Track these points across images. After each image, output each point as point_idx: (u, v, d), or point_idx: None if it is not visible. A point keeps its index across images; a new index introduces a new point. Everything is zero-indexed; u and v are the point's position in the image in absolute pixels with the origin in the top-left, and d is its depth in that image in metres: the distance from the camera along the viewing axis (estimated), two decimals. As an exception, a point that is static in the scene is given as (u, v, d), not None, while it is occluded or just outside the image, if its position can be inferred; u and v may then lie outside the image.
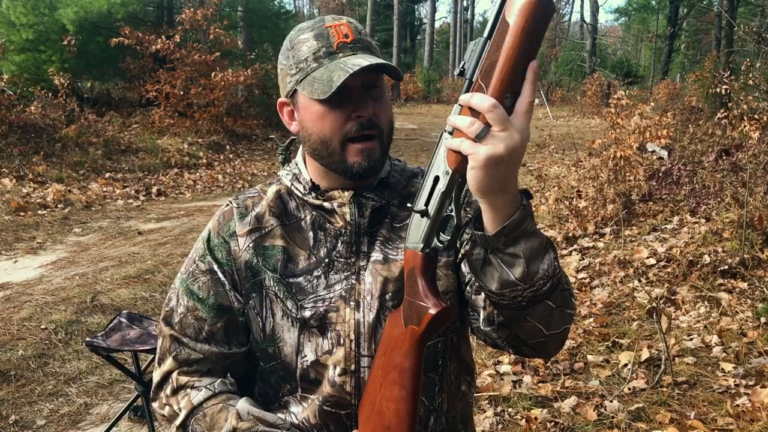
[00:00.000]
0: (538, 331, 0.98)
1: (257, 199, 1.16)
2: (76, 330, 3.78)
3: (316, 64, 1.02)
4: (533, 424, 2.65)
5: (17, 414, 2.92)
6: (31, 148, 9.12)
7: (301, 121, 1.09)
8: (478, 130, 0.82)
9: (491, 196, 0.86)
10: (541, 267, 0.91)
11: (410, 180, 1.16)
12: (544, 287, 0.92)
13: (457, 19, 33.60)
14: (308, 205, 1.13)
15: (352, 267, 1.10)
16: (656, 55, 30.63)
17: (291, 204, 1.15)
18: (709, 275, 4.14)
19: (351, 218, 1.09)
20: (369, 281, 1.08)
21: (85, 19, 12.79)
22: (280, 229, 1.12)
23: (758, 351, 3.26)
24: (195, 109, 12.57)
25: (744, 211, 4.38)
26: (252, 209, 1.15)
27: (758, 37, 9.34)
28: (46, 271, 5.01)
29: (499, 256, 0.91)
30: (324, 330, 1.08)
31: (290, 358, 1.10)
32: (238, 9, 17.07)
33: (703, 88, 12.30)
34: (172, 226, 6.63)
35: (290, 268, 1.10)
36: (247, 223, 1.13)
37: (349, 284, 1.09)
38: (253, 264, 1.11)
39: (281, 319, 1.10)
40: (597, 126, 16.02)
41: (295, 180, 1.15)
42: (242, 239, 1.12)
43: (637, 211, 5.73)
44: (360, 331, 1.07)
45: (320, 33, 1.04)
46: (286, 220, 1.13)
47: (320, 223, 1.12)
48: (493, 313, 1.03)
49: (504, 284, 0.91)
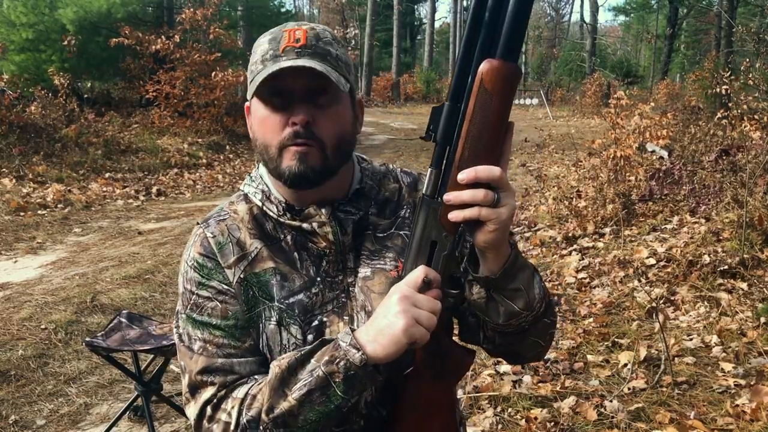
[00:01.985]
0: (536, 345, 1.06)
1: (229, 221, 1.08)
2: (76, 330, 3.78)
3: (261, 66, 1.00)
4: (533, 424, 2.65)
5: (17, 414, 2.93)
6: (31, 148, 9.12)
7: (251, 126, 1.07)
8: (494, 198, 0.89)
9: (501, 248, 0.93)
10: (536, 292, 0.99)
11: (381, 182, 1.14)
12: (541, 308, 1.01)
13: (457, 19, 33.57)
14: (285, 225, 1.07)
15: (340, 285, 1.07)
16: (656, 55, 30.64)
17: (267, 225, 1.08)
18: (708, 275, 4.14)
19: (334, 237, 1.05)
20: (361, 298, 1.06)
21: (84, 19, 12.80)
22: (266, 250, 1.06)
23: (758, 351, 3.26)
24: (195, 109, 12.57)
25: (744, 211, 4.39)
26: (229, 235, 1.06)
27: (757, 37, 9.33)
28: (46, 271, 5.02)
29: (502, 293, 0.97)
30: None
31: None
32: (238, 9, 17.08)
33: (703, 88, 12.30)
34: (172, 226, 6.63)
35: (287, 287, 1.05)
36: (230, 252, 1.05)
37: (340, 303, 1.06)
38: (249, 296, 1.04)
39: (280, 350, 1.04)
40: (597, 126, 16.01)
41: (266, 200, 1.08)
42: (229, 271, 1.04)
43: (637, 211, 5.73)
44: None
45: (275, 37, 1.02)
46: (267, 241, 1.07)
47: (301, 242, 1.06)
48: (494, 336, 1.08)
49: (510, 316, 0.98)
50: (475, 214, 0.89)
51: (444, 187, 0.94)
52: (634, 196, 5.94)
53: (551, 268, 4.74)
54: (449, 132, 0.92)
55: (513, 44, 0.87)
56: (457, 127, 0.91)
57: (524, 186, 8.25)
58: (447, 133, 0.92)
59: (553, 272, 4.66)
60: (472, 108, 0.89)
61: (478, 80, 0.88)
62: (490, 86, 0.87)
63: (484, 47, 0.90)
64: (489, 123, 0.88)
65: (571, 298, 4.16)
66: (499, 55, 0.88)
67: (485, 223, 0.90)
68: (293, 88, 0.98)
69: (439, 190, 0.95)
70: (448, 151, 0.93)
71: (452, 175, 0.91)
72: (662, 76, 26.06)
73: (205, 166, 10.68)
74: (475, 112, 0.88)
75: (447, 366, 1.03)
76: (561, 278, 4.54)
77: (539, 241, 5.53)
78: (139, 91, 13.19)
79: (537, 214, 6.53)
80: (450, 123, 0.92)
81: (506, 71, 0.87)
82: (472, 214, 0.90)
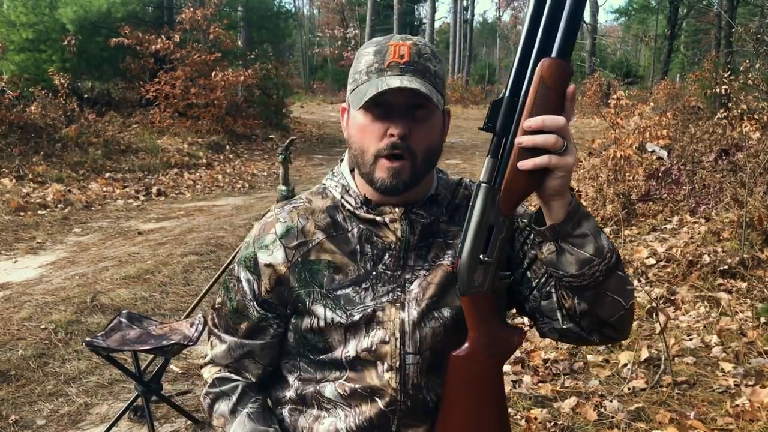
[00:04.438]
0: (617, 304, 1.07)
1: (302, 210, 1.18)
2: (76, 330, 3.78)
3: (365, 78, 1.06)
4: (533, 424, 2.65)
5: (17, 414, 2.93)
6: (31, 148, 9.11)
7: (348, 128, 1.14)
8: (563, 145, 0.97)
9: (564, 195, 1.00)
10: (604, 241, 1.04)
11: (454, 192, 1.21)
12: (612, 258, 1.04)
13: (457, 19, 33.56)
14: (357, 218, 1.15)
15: (398, 279, 1.14)
16: (656, 55, 30.63)
17: (338, 216, 1.17)
18: (708, 275, 4.14)
19: (402, 234, 1.13)
20: (416, 291, 1.14)
21: (84, 19, 12.79)
22: (327, 242, 1.15)
23: (758, 351, 3.26)
24: (195, 109, 12.57)
25: (743, 211, 4.39)
26: (298, 221, 1.17)
27: (756, 37, 9.33)
28: (46, 271, 5.01)
29: (570, 241, 1.02)
30: (369, 328, 1.13)
31: (338, 352, 1.15)
32: (238, 9, 17.08)
33: (703, 88, 12.30)
34: (172, 226, 6.62)
35: (338, 280, 1.14)
36: (293, 237, 1.16)
37: (395, 295, 1.13)
38: (302, 278, 1.15)
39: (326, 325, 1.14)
40: (597, 126, 15.98)
41: (345, 193, 1.17)
42: (290, 251, 1.15)
43: (637, 211, 5.73)
44: (405, 330, 1.12)
45: (380, 49, 1.07)
46: (333, 231, 1.16)
47: (367, 236, 1.14)
48: (573, 304, 1.09)
49: (582, 263, 1.02)
50: (545, 161, 0.97)
51: (500, 176, 1.02)
52: (634, 196, 5.94)
53: (551, 268, 4.74)
54: (508, 124, 1.00)
55: (569, 44, 0.97)
56: (515, 119, 0.99)
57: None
58: (506, 125, 1.01)
59: (553, 272, 4.66)
60: (532, 101, 0.97)
61: (538, 76, 0.96)
62: (549, 81, 0.96)
63: (541, 47, 0.98)
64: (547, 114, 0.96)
65: (571, 298, 4.16)
66: (556, 53, 0.97)
67: (553, 171, 0.98)
68: (395, 102, 1.05)
69: (495, 179, 1.03)
70: (505, 141, 1.01)
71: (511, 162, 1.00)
72: (662, 77, 26.04)
73: (205, 166, 10.67)
74: (535, 105, 0.97)
75: (497, 346, 1.10)
76: (561, 278, 4.54)
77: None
78: (139, 91, 13.18)
79: (537, 214, 6.52)
80: (509, 115, 1.00)
81: (563, 68, 0.96)
82: (542, 161, 0.97)
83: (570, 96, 0.98)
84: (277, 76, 14.89)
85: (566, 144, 0.97)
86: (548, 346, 3.43)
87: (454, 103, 24.57)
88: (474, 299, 1.08)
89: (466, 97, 26.54)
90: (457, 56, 32.91)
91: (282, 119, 15.29)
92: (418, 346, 1.13)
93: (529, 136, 0.97)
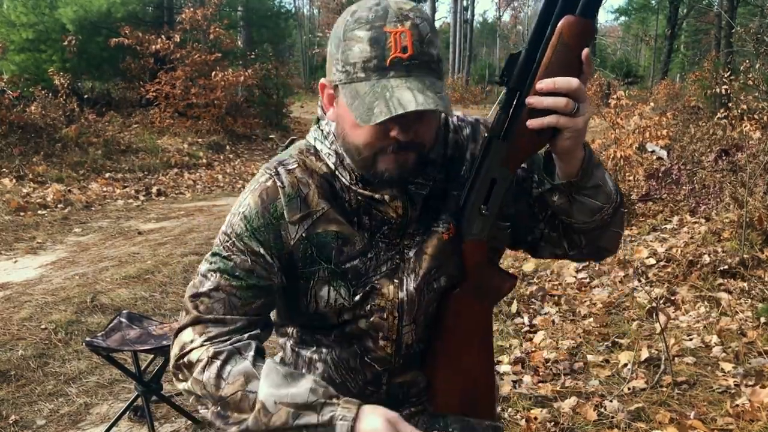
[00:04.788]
0: (617, 234, 1.14)
1: (299, 173, 1.08)
2: (76, 330, 3.78)
3: (363, 75, 0.94)
4: (533, 424, 2.65)
5: (17, 414, 2.93)
6: (31, 148, 9.11)
7: (338, 116, 1.03)
8: (573, 107, 0.95)
9: (576, 152, 1.00)
10: (611, 185, 1.05)
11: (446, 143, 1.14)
12: (618, 198, 1.07)
13: (457, 19, 33.54)
14: (354, 192, 1.08)
15: (396, 246, 1.11)
16: (656, 55, 30.62)
17: (336, 184, 1.09)
18: (708, 275, 4.14)
19: (403, 212, 1.08)
20: (413, 260, 1.11)
21: (84, 19, 12.79)
22: (332, 212, 1.07)
23: (758, 351, 3.26)
24: (195, 109, 12.57)
25: (744, 211, 4.39)
26: (298, 189, 1.07)
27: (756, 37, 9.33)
28: (46, 271, 5.01)
29: (584, 192, 1.03)
30: (367, 305, 1.11)
31: (332, 321, 1.13)
32: (238, 9, 17.07)
33: (703, 88, 12.29)
34: (172, 226, 6.63)
35: (346, 252, 1.08)
36: (297, 208, 1.07)
37: (393, 264, 1.11)
38: (307, 255, 1.07)
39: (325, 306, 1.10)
40: (597, 126, 16.00)
41: (340, 164, 1.07)
42: (293, 227, 1.06)
43: (637, 211, 5.73)
44: (403, 309, 1.12)
45: (376, 38, 0.93)
46: (333, 201, 1.08)
47: (366, 208, 1.08)
48: (579, 238, 1.13)
49: (594, 212, 1.05)
50: (553, 122, 0.96)
51: (510, 131, 1.02)
52: (634, 196, 5.94)
53: (551, 268, 4.74)
54: (523, 78, 0.98)
55: (593, 3, 0.94)
56: (531, 74, 0.97)
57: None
58: (520, 79, 0.98)
59: (553, 272, 4.66)
60: (549, 58, 0.95)
61: (558, 33, 0.95)
62: (568, 39, 0.95)
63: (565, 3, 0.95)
64: (562, 73, 0.95)
65: (571, 298, 4.16)
66: (579, 12, 0.95)
67: (562, 131, 0.97)
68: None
69: (504, 132, 1.02)
70: (518, 96, 1.00)
71: (522, 118, 0.99)
72: (662, 76, 26.03)
73: (205, 166, 10.67)
74: (552, 62, 0.95)
75: (488, 290, 1.13)
76: (561, 278, 4.54)
77: (539, 241, 5.52)
78: (139, 91, 13.18)
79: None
80: (525, 70, 0.98)
81: (585, 27, 0.95)
82: (551, 121, 0.96)
83: (585, 59, 0.95)
84: (277, 76, 14.88)
85: (577, 105, 0.95)
86: (548, 346, 3.43)
87: (455, 103, 24.55)
88: (471, 244, 1.10)
89: (466, 97, 26.52)
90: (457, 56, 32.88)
91: (282, 119, 15.29)
92: (413, 317, 1.14)
93: (538, 98, 0.96)
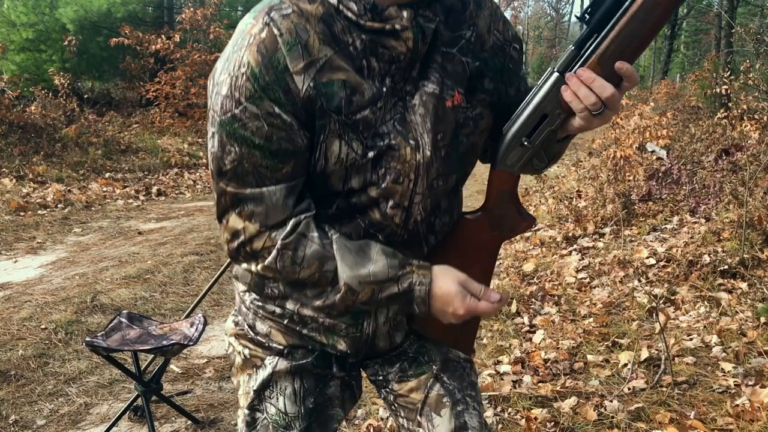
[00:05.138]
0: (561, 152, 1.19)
1: (294, 17, 0.95)
2: (76, 330, 3.78)
3: None
4: (533, 424, 2.65)
5: (17, 414, 2.93)
6: (31, 148, 9.11)
7: None
8: (599, 109, 0.98)
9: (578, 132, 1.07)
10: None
11: None
12: None
13: (457, 19, 33.46)
14: (358, 28, 0.97)
15: (399, 92, 1.02)
16: (656, 55, 30.62)
17: (336, 26, 0.97)
18: (708, 275, 4.14)
19: (413, 44, 0.98)
20: (421, 112, 1.03)
21: (85, 19, 12.80)
22: (336, 58, 0.96)
23: (758, 351, 3.26)
24: (195, 109, 12.57)
25: (744, 211, 4.39)
26: (297, 36, 0.95)
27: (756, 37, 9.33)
28: (46, 271, 5.02)
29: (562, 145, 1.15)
30: (377, 165, 1.03)
31: (337, 186, 1.04)
32: (238, 9, 17.08)
33: (703, 88, 12.30)
34: (172, 226, 6.63)
35: (355, 101, 0.98)
36: (299, 56, 0.94)
37: (397, 112, 1.02)
38: (316, 108, 0.97)
39: (335, 162, 1.01)
40: (597, 126, 15.97)
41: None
42: (299, 77, 0.95)
43: (637, 211, 5.73)
44: (419, 173, 1.05)
45: None
46: (335, 46, 0.96)
47: (372, 48, 0.98)
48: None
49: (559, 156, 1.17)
50: (577, 107, 1.00)
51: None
52: (634, 196, 5.94)
53: (551, 268, 4.74)
54: (605, 21, 0.96)
55: None
56: (614, 20, 0.95)
57: (524, 186, 8.25)
58: (602, 22, 0.97)
59: (553, 272, 4.66)
60: (637, 8, 0.93)
61: None
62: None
63: None
64: (645, 28, 0.94)
65: (571, 298, 4.16)
66: None
67: (576, 117, 1.02)
68: None
69: (571, 69, 1.01)
70: (595, 38, 0.98)
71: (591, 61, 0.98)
72: (662, 76, 26.04)
73: (205, 166, 10.67)
74: (638, 13, 0.93)
75: (504, 223, 1.15)
76: (561, 278, 4.54)
77: (539, 240, 5.53)
78: (139, 91, 13.19)
79: (537, 213, 6.52)
80: (609, 13, 0.96)
81: None
82: (575, 106, 1.00)
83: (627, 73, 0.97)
84: None
85: (603, 109, 0.98)
86: (548, 346, 3.43)
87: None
88: (500, 175, 1.10)
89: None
90: None
91: (282, 119, 15.28)
92: (426, 186, 1.08)
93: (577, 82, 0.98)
